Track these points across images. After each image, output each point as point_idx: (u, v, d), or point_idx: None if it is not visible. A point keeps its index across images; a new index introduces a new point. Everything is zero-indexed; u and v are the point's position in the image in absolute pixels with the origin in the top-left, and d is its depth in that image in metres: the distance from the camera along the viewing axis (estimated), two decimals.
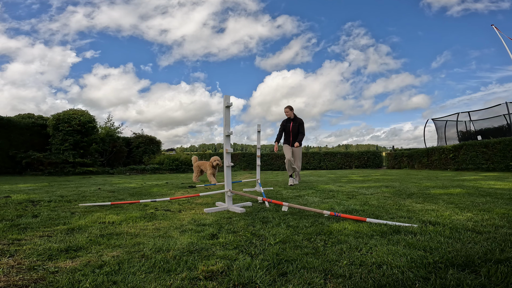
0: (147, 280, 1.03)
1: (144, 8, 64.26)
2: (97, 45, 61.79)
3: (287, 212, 2.27)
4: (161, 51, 70.83)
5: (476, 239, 1.43)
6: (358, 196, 3.26)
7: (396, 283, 0.98)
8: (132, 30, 64.85)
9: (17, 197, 3.17)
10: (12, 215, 2.17)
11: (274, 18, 71.20)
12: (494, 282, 0.96)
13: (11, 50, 57.97)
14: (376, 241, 1.45)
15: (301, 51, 76.75)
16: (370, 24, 67.77)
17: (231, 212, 2.40)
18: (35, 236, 1.61)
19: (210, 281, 1.02)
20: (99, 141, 11.37)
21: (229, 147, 2.61)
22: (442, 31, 63.15)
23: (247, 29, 77.39)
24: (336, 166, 15.77)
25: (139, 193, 3.78)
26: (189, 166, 12.44)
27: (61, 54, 63.85)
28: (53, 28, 55.65)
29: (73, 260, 1.24)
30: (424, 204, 2.58)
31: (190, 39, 77.69)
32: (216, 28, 74.49)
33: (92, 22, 56.39)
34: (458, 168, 9.70)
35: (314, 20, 68.33)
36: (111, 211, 2.39)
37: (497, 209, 2.20)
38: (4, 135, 9.30)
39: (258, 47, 76.70)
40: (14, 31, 54.44)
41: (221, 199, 3.17)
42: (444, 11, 59.56)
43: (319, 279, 1.03)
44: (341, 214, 2.02)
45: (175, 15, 71.07)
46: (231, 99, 2.60)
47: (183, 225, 1.90)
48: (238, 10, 73.96)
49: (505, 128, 11.54)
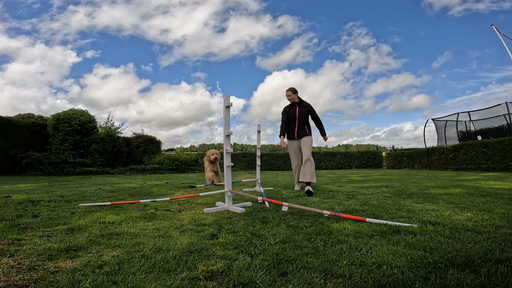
0: (147, 280, 1.03)
1: (146, 7, 64.28)
2: (98, 45, 61.85)
3: (287, 212, 2.27)
4: (162, 50, 70.85)
5: (476, 239, 1.43)
6: (358, 196, 3.26)
7: (396, 283, 0.98)
8: (133, 29, 64.90)
9: (17, 197, 3.16)
10: (12, 215, 2.17)
11: (275, 18, 71.18)
12: (494, 282, 0.96)
13: (12, 50, 57.97)
14: (376, 241, 1.45)
15: (302, 51, 76.74)
16: (372, 24, 67.84)
17: (231, 212, 2.40)
18: (35, 236, 1.61)
19: (210, 281, 1.02)
20: (99, 141, 11.37)
21: (229, 147, 2.61)
22: (443, 31, 63.23)
23: (248, 29, 77.43)
24: (336, 166, 15.77)
25: (139, 193, 3.78)
26: (189, 166, 12.44)
27: (62, 54, 63.90)
28: (54, 28, 55.66)
29: (73, 260, 1.24)
30: (424, 204, 2.58)
31: (191, 38, 77.74)
32: (217, 27, 74.55)
33: (93, 22, 56.45)
34: (458, 168, 9.70)
35: (315, 20, 68.40)
36: (111, 211, 2.39)
37: (497, 209, 2.20)
38: (4, 135, 9.29)
39: (259, 47, 76.72)
40: (15, 30, 54.41)
41: (221, 199, 3.17)
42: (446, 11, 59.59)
43: (319, 279, 1.03)
44: (341, 214, 2.02)
45: (176, 14, 71.12)
46: (231, 99, 2.60)
47: (183, 225, 1.90)
48: (240, 10, 73.99)
49: (505, 128, 11.54)
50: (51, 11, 55.11)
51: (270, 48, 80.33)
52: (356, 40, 69.90)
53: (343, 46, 71.70)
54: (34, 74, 69.66)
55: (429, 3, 62.44)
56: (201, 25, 73.03)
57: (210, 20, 72.82)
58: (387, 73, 78.92)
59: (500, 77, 67.10)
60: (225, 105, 2.58)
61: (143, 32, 63.98)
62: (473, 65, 63.86)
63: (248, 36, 78.74)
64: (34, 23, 54.57)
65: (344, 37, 67.40)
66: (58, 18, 54.66)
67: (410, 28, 64.89)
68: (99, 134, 11.83)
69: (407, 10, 61.22)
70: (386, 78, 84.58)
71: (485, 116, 12.87)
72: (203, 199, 3.24)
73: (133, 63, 76.28)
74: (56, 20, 54.83)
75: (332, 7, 64.51)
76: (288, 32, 70.63)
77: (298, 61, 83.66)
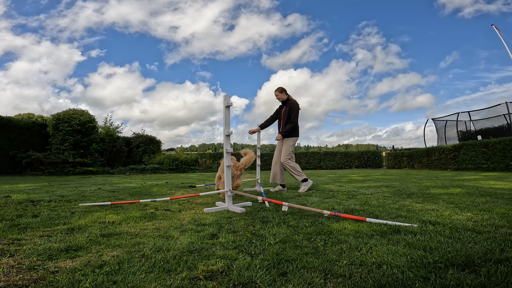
0: (147, 280, 1.03)
1: (157, 4, 63.99)
2: (104, 43, 61.74)
3: (287, 212, 2.27)
4: (168, 48, 70.75)
5: (476, 239, 1.43)
6: (358, 196, 3.26)
7: (396, 283, 0.98)
8: (140, 26, 64.82)
9: (17, 197, 3.17)
10: (12, 215, 2.17)
11: (284, 17, 71.07)
12: (494, 282, 0.96)
13: (17, 48, 57.84)
14: (376, 241, 1.45)
15: (309, 50, 76.63)
16: (383, 23, 67.74)
17: (231, 212, 2.40)
18: (35, 236, 1.61)
19: (210, 281, 1.02)
20: (99, 141, 11.37)
21: (229, 147, 2.61)
22: (453, 31, 63.21)
23: (258, 27, 77.25)
24: (336, 166, 15.77)
25: (139, 193, 3.78)
26: (189, 166, 12.43)
27: (68, 52, 63.90)
28: (61, 25, 55.52)
29: (73, 260, 1.24)
30: (424, 204, 2.58)
31: (199, 36, 77.62)
32: (226, 25, 74.48)
33: (102, 18, 56.42)
34: (458, 168, 9.70)
35: (326, 19, 68.37)
36: (111, 211, 2.39)
37: (497, 209, 2.20)
38: (4, 134, 9.30)
39: (267, 45, 76.72)
40: (21, 28, 54.25)
41: (221, 199, 3.17)
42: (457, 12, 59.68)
43: (319, 279, 1.03)
44: (341, 214, 2.02)
45: (186, 11, 70.84)
46: (233, 98, 2.61)
47: (183, 225, 1.90)
48: (251, 7, 73.85)
49: (505, 128, 11.54)
50: (59, 6, 55.06)
51: (278, 47, 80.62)
52: (366, 39, 70.16)
53: (351, 46, 71.94)
54: (38, 73, 69.89)
55: (442, 3, 62.66)
56: (211, 22, 73.17)
57: (220, 18, 72.94)
58: (393, 73, 79.24)
59: (500, 77, 67.31)
60: (225, 105, 2.58)
61: (150, 29, 64.02)
62: (481, 65, 64.25)
63: (257, 35, 78.90)
64: (41, 19, 54.59)
65: (353, 36, 67.60)
66: (66, 13, 54.64)
67: (421, 28, 65.21)
68: (99, 134, 11.83)
69: (420, 10, 61.52)
70: (392, 77, 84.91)
71: (485, 116, 12.87)
72: (203, 199, 3.24)
73: (138, 62, 76.61)
74: (64, 16, 54.87)
75: (346, 6, 64.73)
76: (297, 31, 70.84)
77: (305, 60, 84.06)
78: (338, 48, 67.38)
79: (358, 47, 67.48)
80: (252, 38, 75.70)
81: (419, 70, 72.99)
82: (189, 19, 69.66)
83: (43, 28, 53.74)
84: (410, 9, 60.97)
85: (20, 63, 64.12)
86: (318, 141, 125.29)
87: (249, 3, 69.39)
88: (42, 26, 53.31)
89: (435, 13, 58.62)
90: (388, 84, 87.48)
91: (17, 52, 58.43)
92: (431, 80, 73.38)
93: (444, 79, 69.55)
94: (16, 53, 58.92)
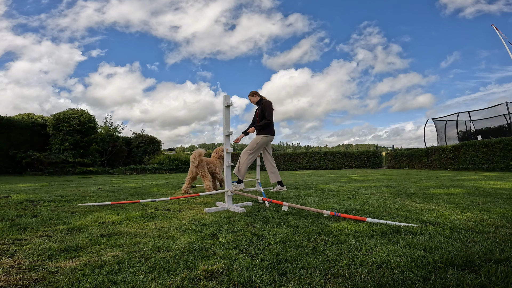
0: (147, 280, 1.03)
1: (158, 3, 63.92)
2: (105, 43, 61.69)
3: (287, 212, 2.27)
4: (169, 48, 70.69)
5: (476, 239, 1.43)
6: (358, 196, 3.26)
7: (396, 283, 0.98)
8: (141, 26, 64.75)
9: (17, 197, 3.17)
10: (12, 215, 2.17)
11: (286, 17, 71.01)
12: (494, 282, 0.96)
13: (18, 47, 57.78)
14: (376, 241, 1.45)
15: (310, 50, 76.56)
16: (385, 23, 67.74)
17: (231, 212, 2.40)
18: (35, 236, 1.61)
19: (210, 281, 1.02)
20: (99, 141, 11.37)
21: (229, 147, 2.61)
22: (454, 31, 63.26)
23: (259, 26, 77.20)
24: (336, 166, 15.76)
25: (139, 193, 3.78)
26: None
27: (68, 51, 63.83)
28: (62, 24, 55.43)
29: (73, 260, 1.24)
30: (424, 204, 2.58)
31: (200, 36, 77.60)
32: (228, 25, 74.44)
33: (102, 17, 56.39)
34: (458, 168, 9.69)
35: (327, 19, 68.35)
36: (111, 211, 2.39)
37: (497, 209, 2.20)
38: (4, 134, 9.30)
39: (268, 45, 76.67)
40: (22, 27, 54.14)
41: (221, 199, 3.17)
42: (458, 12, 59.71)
43: (319, 279, 1.02)
44: (341, 214, 2.02)
45: (188, 11, 70.77)
46: (233, 98, 2.61)
47: (183, 225, 1.90)
48: (252, 7, 73.80)
49: (505, 128, 11.54)
50: (60, 6, 54.95)
51: (279, 47, 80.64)
52: (367, 38, 70.20)
53: (352, 46, 71.95)
54: (38, 73, 69.86)
55: (443, 3, 62.71)
56: (212, 22, 73.18)
57: (221, 17, 72.93)
58: (394, 73, 79.27)
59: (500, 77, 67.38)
60: (225, 104, 2.58)
61: (151, 29, 63.98)
62: (481, 65, 64.38)
63: (258, 34, 78.91)
64: (42, 19, 54.47)
65: (354, 36, 67.62)
66: (67, 13, 54.52)
67: (422, 28, 65.27)
68: (99, 134, 11.84)
69: (422, 10, 61.59)
70: (392, 77, 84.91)
71: (485, 116, 12.87)
72: (203, 199, 3.24)
73: (139, 62, 76.60)
74: (65, 16, 54.75)
75: (347, 6, 64.76)
76: (298, 30, 70.82)
77: (305, 60, 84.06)
78: (339, 48, 67.40)
79: (359, 47, 67.52)
80: (253, 38, 75.90)
81: (420, 70, 73.17)
82: (190, 19, 69.81)
83: (44, 28, 53.64)
84: (412, 9, 61.08)
85: (21, 63, 64.26)
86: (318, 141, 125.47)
87: (250, 2, 69.48)
88: (43, 26, 53.20)
89: (436, 13, 58.72)
90: (389, 84, 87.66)
91: (17, 52, 58.41)
92: (431, 80, 73.59)
93: (445, 79, 69.68)
94: (17, 53, 58.89)
